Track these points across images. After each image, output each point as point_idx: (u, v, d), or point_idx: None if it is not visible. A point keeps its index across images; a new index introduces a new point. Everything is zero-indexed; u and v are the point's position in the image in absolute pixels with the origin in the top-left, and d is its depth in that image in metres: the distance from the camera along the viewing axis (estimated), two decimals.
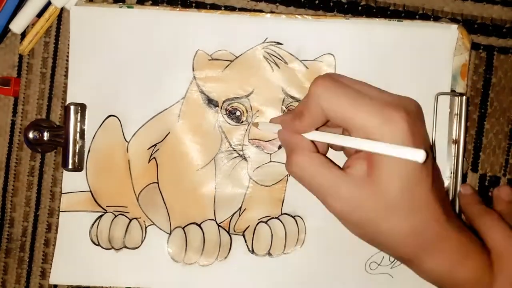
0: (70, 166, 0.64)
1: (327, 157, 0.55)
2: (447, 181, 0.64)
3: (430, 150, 0.55)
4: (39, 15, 0.65)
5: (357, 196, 0.51)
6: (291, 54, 0.64)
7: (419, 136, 0.51)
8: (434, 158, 0.61)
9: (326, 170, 0.53)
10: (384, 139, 0.49)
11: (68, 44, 0.65)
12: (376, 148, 0.49)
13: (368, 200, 0.51)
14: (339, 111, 0.51)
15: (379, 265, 0.65)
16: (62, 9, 0.65)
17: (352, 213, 0.52)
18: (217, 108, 0.64)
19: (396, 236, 0.53)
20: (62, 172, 0.65)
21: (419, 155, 0.47)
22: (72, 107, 0.63)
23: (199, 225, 0.65)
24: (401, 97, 0.54)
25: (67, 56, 0.65)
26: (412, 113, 0.51)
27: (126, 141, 0.65)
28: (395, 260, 0.65)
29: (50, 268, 0.66)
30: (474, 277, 0.54)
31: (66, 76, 0.66)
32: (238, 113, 0.64)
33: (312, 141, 0.55)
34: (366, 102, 0.51)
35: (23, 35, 0.66)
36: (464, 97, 0.64)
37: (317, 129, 0.55)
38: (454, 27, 0.64)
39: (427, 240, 0.53)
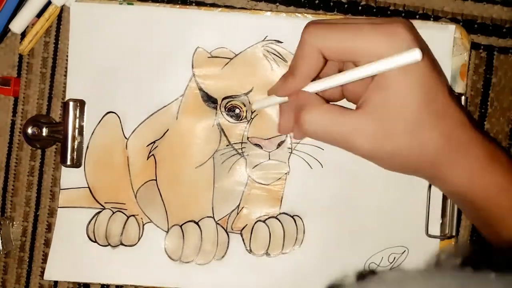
0: (68, 162, 0.64)
1: (337, 105, 0.54)
2: None
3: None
4: (39, 15, 0.65)
5: (383, 127, 0.51)
6: (290, 52, 0.64)
7: (427, 48, 0.53)
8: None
9: (343, 117, 0.52)
10: (394, 53, 0.49)
11: (68, 44, 0.65)
12: (377, 67, 0.49)
13: (394, 126, 0.51)
14: (339, 44, 0.51)
15: (378, 266, 0.65)
16: (62, 9, 0.66)
17: (383, 146, 0.52)
18: (216, 105, 0.64)
19: (428, 151, 0.52)
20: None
21: (416, 53, 0.47)
22: (71, 103, 0.63)
23: (197, 223, 0.65)
24: (392, 18, 0.56)
25: (67, 56, 0.65)
26: (407, 23, 0.52)
27: (125, 137, 0.65)
28: (395, 261, 0.65)
29: None
30: (501, 186, 0.54)
31: (66, 75, 0.65)
32: (237, 111, 0.64)
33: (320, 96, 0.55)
34: (363, 28, 0.51)
35: (23, 35, 0.66)
36: (463, 97, 0.64)
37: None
38: (451, 27, 0.64)
39: (457, 146, 0.53)
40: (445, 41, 0.64)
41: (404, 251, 0.65)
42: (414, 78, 0.50)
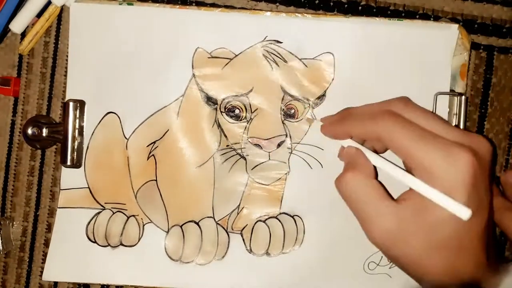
0: (68, 163, 0.64)
1: (382, 185, 0.54)
2: None
3: (489, 198, 0.53)
4: (39, 15, 0.65)
5: (403, 230, 0.50)
6: (290, 53, 0.64)
7: (482, 181, 0.50)
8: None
9: (377, 199, 0.52)
10: (444, 181, 0.48)
11: (68, 44, 0.65)
12: (426, 192, 0.49)
13: (416, 237, 0.50)
14: (402, 148, 0.51)
15: (377, 265, 0.65)
16: (62, 9, 0.66)
17: (394, 247, 0.52)
18: (216, 106, 0.64)
19: (434, 273, 0.52)
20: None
21: (465, 214, 0.47)
22: (71, 104, 0.63)
23: (197, 223, 0.65)
24: (472, 135, 0.52)
25: (67, 56, 0.65)
26: (481, 156, 0.50)
27: (126, 138, 0.65)
28: None
29: None
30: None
31: (66, 75, 0.65)
32: (237, 111, 0.64)
33: (375, 169, 0.55)
34: (430, 140, 0.50)
35: (23, 35, 0.66)
36: (463, 97, 0.64)
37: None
38: (454, 26, 0.64)
39: (461, 280, 0.52)
40: (447, 40, 0.64)
41: None
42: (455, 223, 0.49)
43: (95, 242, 0.65)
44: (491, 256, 0.54)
